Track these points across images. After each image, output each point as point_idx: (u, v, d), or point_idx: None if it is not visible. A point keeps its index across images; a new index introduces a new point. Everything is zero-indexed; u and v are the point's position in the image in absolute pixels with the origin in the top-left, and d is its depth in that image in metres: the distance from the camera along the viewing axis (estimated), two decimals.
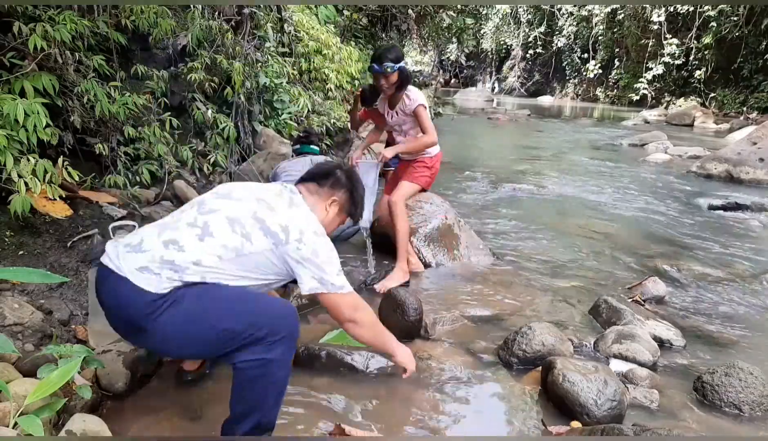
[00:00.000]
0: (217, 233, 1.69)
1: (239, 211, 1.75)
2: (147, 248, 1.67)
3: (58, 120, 3.11)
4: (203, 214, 1.75)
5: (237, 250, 1.69)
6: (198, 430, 1.94)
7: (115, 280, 1.65)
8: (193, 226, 1.71)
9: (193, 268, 1.65)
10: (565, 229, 4.91)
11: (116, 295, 1.66)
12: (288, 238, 1.73)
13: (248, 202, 1.78)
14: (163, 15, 3.90)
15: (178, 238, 1.68)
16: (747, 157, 7.56)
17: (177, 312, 1.62)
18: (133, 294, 1.61)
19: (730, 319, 3.20)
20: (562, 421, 2.10)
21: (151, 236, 1.72)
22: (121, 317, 1.70)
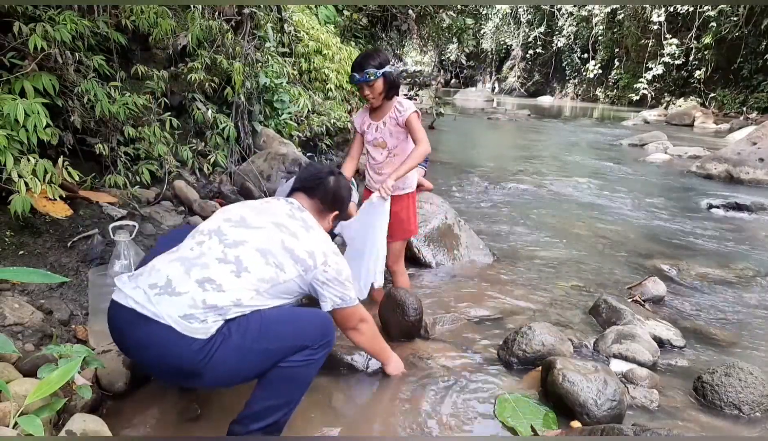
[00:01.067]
0: (252, 268, 1.71)
1: (267, 242, 1.77)
2: (183, 291, 1.63)
3: (58, 120, 3.10)
4: (231, 248, 1.74)
5: (273, 281, 1.74)
6: (198, 430, 1.94)
7: (156, 328, 1.59)
8: (225, 261, 1.70)
9: (234, 309, 1.66)
10: (564, 229, 4.91)
11: (160, 343, 1.60)
12: (315, 263, 1.81)
13: (271, 231, 1.81)
14: (163, 15, 3.90)
15: (213, 277, 1.66)
16: (747, 157, 7.57)
17: (228, 349, 1.61)
18: (182, 342, 1.58)
19: (730, 319, 3.20)
20: (562, 421, 2.10)
21: (179, 274, 1.67)
22: (166, 364, 1.63)
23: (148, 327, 1.59)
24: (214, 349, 1.60)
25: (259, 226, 1.82)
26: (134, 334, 1.64)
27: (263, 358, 1.67)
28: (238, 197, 4.51)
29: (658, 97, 22.05)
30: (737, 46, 18.59)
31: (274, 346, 1.67)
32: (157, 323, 1.58)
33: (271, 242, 1.77)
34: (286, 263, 1.76)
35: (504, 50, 32.05)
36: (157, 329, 1.58)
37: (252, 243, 1.75)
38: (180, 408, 2.02)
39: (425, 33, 13.85)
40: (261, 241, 1.77)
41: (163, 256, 1.78)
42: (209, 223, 1.87)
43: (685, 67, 21.14)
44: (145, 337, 1.61)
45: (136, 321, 1.61)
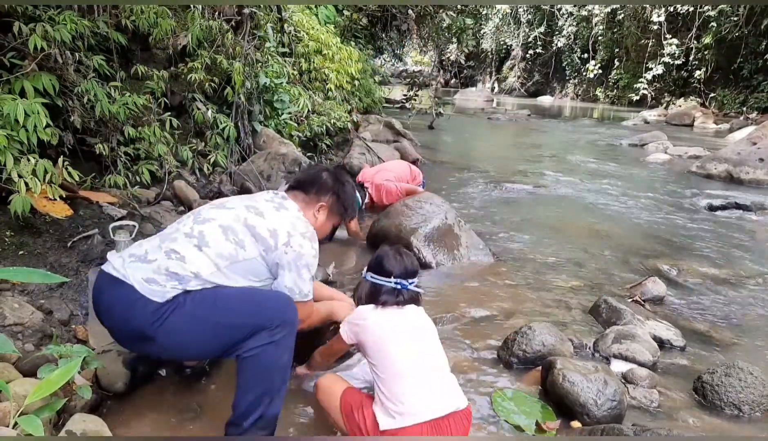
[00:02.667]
0: (212, 242, 1.76)
1: (232, 220, 1.81)
2: (152, 258, 1.73)
3: (58, 120, 3.10)
4: (199, 224, 1.81)
5: (232, 258, 1.76)
6: (198, 430, 1.94)
7: (121, 289, 1.69)
8: (190, 236, 1.78)
9: (194, 281, 1.71)
10: (565, 229, 4.91)
11: (122, 303, 1.69)
12: (276, 244, 1.80)
13: (239, 210, 1.85)
14: (163, 15, 3.90)
15: (178, 249, 1.75)
16: (747, 157, 7.56)
17: (180, 316, 1.67)
18: (140, 303, 1.66)
19: (730, 319, 3.20)
20: (562, 420, 2.10)
21: (154, 246, 1.78)
22: (125, 325, 1.71)
23: (116, 288, 1.70)
24: (167, 314, 1.66)
25: (231, 207, 1.88)
26: (105, 296, 1.74)
27: (214, 331, 1.69)
28: None
29: (658, 97, 22.05)
30: (737, 46, 18.59)
31: (225, 321, 1.68)
32: (123, 284, 1.69)
33: (235, 221, 1.81)
34: (247, 240, 1.78)
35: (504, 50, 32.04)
36: (122, 289, 1.69)
37: (218, 220, 1.81)
38: (180, 408, 2.02)
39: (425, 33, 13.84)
40: (226, 219, 1.81)
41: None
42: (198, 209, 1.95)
43: (685, 67, 21.14)
44: (113, 298, 1.71)
45: (109, 283, 1.73)
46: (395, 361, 1.76)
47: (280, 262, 1.81)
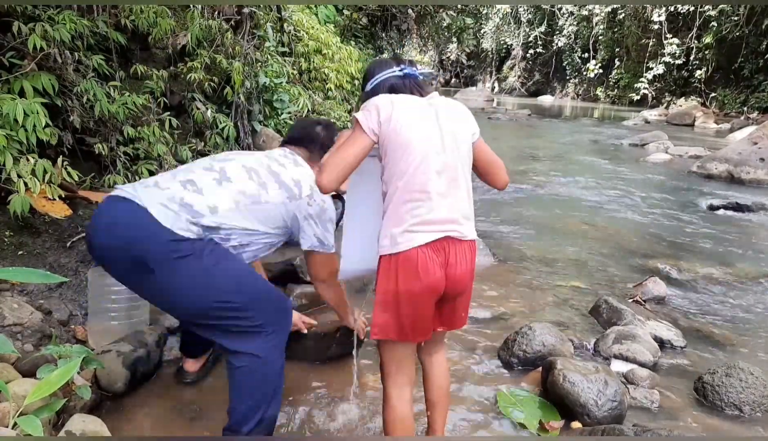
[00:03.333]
0: (234, 179, 1.70)
1: (254, 162, 1.78)
2: (165, 187, 1.65)
3: (58, 120, 3.10)
4: (218, 162, 1.76)
5: (254, 198, 1.70)
6: (198, 430, 1.93)
7: (133, 210, 1.59)
8: (210, 170, 1.72)
9: (210, 217, 1.62)
10: (565, 229, 4.91)
11: (130, 222, 1.59)
12: (300, 193, 1.78)
13: (260, 157, 1.84)
14: (163, 15, 3.90)
15: (195, 180, 1.68)
16: (748, 157, 7.56)
17: (193, 265, 1.57)
18: (153, 227, 1.56)
19: (730, 319, 3.20)
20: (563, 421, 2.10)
21: (166, 178, 1.71)
22: (127, 245, 1.58)
23: (125, 205, 1.62)
24: (180, 255, 1.56)
25: (253, 155, 1.88)
26: (109, 213, 1.65)
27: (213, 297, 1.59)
28: None
29: (658, 97, 22.04)
30: (738, 46, 18.57)
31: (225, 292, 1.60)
32: (134, 203, 1.60)
33: (258, 164, 1.78)
34: (270, 184, 1.74)
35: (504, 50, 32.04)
36: (131, 208, 1.60)
37: (240, 161, 1.78)
38: (180, 408, 2.02)
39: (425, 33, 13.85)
40: (249, 161, 1.79)
41: None
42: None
43: (686, 66, 21.13)
44: (119, 213, 1.62)
45: (115, 203, 1.65)
46: (416, 177, 1.49)
47: (303, 214, 1.77)
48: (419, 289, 1.50)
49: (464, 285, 1.59)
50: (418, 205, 1.50)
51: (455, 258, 1.53)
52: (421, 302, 1.52)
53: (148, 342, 2.21)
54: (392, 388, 1.62)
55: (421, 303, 1.52)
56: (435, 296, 1.54)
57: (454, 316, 1.65)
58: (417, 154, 1.51)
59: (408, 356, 1.63)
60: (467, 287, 1.62)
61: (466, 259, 1.56)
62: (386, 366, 1.63)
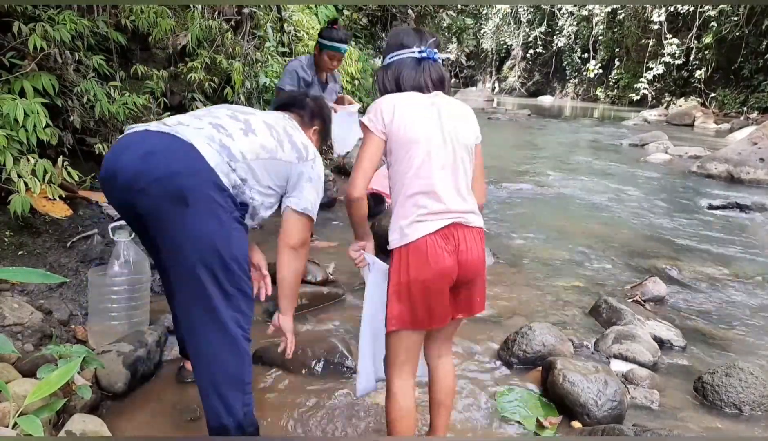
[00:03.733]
0: (258, 132, 1.70)
1: (272, 120, 1.80)
2: (198, 127, 1.60)
3: (58, 120, 3.10)
4: (241, 113, 1.76)
5: (272, 153, 1.70)
6: (198, 430, 1.93)
7: (176, 142, 1.52)
8: (235, 119, 1.70)
9: (242, 162, 1.60)
10: (565, 229, 4.91)
11: (175, 156, 1.50)
12: (307, 156, 1.80)
13: (277, 116, 1.86)
14: (163, 15, 3.90)
15: (225, 126, 1.65)
16: (747, 157, 7.56)
17: (226, 221, 1.53)
18: (200, 163, 1.50)
19: (730, 319, 3.20)
20: (562, 420, 2.10)
21: (191, 118, 1.67)
22: (171, 181, 1.48)
23: (163, 136, 1.54)
24: (217, 201, 1.51)
25: (265, 112, 1.90)
26: (144, 142, 1.54)
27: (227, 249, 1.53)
28: None
29: (658, 97, 22.03)
30: (738, 46, 18.58)
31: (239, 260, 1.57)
32: (174, 136, 1.53)
33: (275, 122, 1.79)
34: (285, 144, 1.75)
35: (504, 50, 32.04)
36: (173, 140, 1.53)
37: (259, 116, 1.79)
38: (180, 408, 2.02)
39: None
40: (268, 118, 1.80)
41: None
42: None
43: (686, 66, 21.13)
44: (158, 143, 1.52)
45: (148, 134, 1.56)
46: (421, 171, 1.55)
47: (306, 175, 1.77)
48: (431, 276, 1.52)
49: (476, 269, 1.61)
50: (424, 197, 1.55)
51: (465, 244, 1.56)
52: (434, 290, 1.55)
53: (148, 342, 2.21)
54: (397, 379, 1.63)
55: (435, 290, 1.55)
56: (448, 283, 1.56)
57: (471, 302, 1.67)
58: (421, 150, 1.56)
59: (416, 346, 1.65)
60: (480, 272, 1.63)
61: (477, 245, 1.59)
62: (394, 356, 1.63)
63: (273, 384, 2.23)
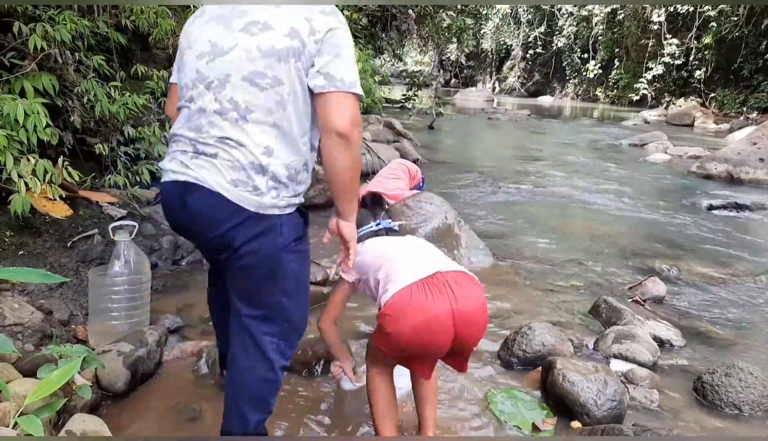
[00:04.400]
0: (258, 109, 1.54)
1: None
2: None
3: (58, 120, 3.10)
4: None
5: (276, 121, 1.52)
6: (198, 430, 1.94)
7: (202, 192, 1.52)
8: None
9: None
10: (565, 229, 4.91)
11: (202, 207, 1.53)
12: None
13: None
14: (163, 15, 3.90)
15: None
16: (747, 158, 7.56)
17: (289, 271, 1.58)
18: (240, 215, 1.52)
19: (730, 319, 3.20)
20: (562, 421, 2.10)
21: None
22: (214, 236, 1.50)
23: (187, 189, 1.49)
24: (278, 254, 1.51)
25: (233, 43, 1.49)
26: (177, 199, 1.52)
27: (301, 304, 1.72)
28: None
29: (658, 97, 22.03)
30: (737, 46, 18.58)
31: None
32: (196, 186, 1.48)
33: (258, 49, 1.46)
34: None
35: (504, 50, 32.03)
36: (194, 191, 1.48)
37: (235, 72, 1.47)
38: (180, 408, 2.02)
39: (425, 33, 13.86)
40: (242, 60, 1.46)
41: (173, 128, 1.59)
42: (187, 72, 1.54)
43: (685, 67, 21.13)
44: (191, 197, 1.49)
45: (176, 188, 1.52)
46: (393, 262, 1.74)
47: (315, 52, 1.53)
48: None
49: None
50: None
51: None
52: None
53: (149, 342, 2.21)
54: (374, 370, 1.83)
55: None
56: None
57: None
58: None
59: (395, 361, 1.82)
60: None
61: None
62: (373, 355, 1.83)
63: None
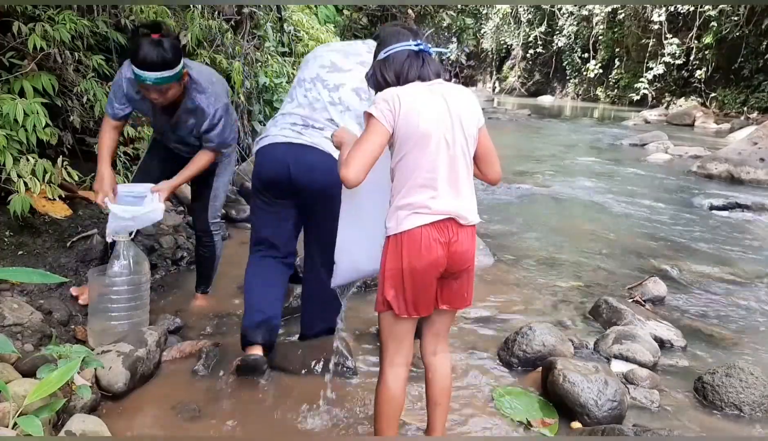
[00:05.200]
0: (352, 106, 2.20)
1: (358, 81, 2.14)
2: (320, 127, 2.18)
3: (58, 120, 3.10)
4: (334, 92, 2.20)
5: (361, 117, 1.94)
6: (198, 430, 1.93)
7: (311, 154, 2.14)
8: (334, 104, 2.20)
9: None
10: (565, 229, 4.91)
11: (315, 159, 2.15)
12: None
13: (357, 72, 2.17)
14: (163, 15, 3.90)
15: (334, 117, 2.19)
16: (747, 157, 7.56)
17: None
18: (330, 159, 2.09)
19: (730, 319, 3.20)
20: (562, 421, 2.10)
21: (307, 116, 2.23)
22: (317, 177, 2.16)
23: (303, 149, 2.13)
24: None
25: (349, 68, 2.20)
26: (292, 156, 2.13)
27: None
28: (237, 197, 4.51)
29: (658, 97, 22.01)
30: (738, 46, 18.55)
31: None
32: (313, 149, 2.12)
33: (361, 81, 2.04)
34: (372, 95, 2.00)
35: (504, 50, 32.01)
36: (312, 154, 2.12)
37: (348, 84, 2.17)
38: (180, 408, 2.02)
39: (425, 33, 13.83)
40: (353, 80, 2.16)
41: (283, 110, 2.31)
42: (309, 72, 2.26)
43: (686, 66, 21.10)
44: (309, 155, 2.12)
45: (291, 148, 2.14)
46: (422, 163, 1.60)
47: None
48: (422, 266, 1.61)
49: (465, 264, 1.68)
50: (424, 190, 1.61)
51: (457, 238, 1.64)
52: (424, 278, 1.63)
53: (148, 342, 2.20)
54: (389, 367, 1.71)
55: (424, 279, 1.63)
56: (437, 273, 1.64)
57: (457, 294, 1.73)
58: (425, 143, 1.60)
59: (407, 336, 1.71)
60: (468, 266, 1.70)
61: (468, 240, 1.67)
62: (386, 344, 1.72)
63: (273, 384, 2.23)
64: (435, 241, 1.60)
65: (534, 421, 2.08)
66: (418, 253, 1.59)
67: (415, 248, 1.59)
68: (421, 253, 1.59)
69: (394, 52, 1.68)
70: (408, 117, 1.58)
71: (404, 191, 1.62)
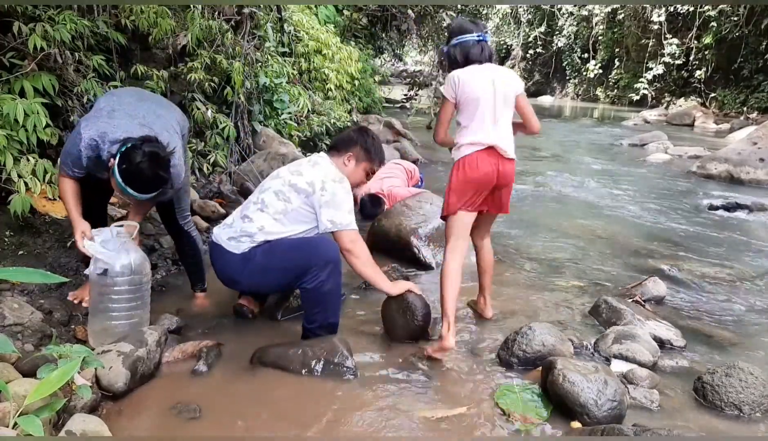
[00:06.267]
0: (269, 205, 2.41)
1: (280, 185, 2.43)
2: (232, 224, 2.48)
3: (58, 120, 3.11)
4: (261, 193, 2.47)
5: (284, 211, 2.39)
6: (198, 430, 1.93)
7: (219, 249, 2.44)
8: (256, 203, 2.45)
9: (260, 234, 2.38)
10: (565, 229, 4.91)
11: (219, 259, 2.46)
12: (314, 189, 2.37)
13: (285, 175, 2.46)
14: (163, 15, 3.90)
15: (248, 214, 2.43)
16: (747, 157, 7.56)
17: (255, 265, 2.37)
18: (227, 256, 2.41)
19: (730, 319, 3.20)
20: (562, 421, 2.10)
21: (236, 216, 2.50)
22: (224, 274, 2.48)
23: (215, 250, 2.48)
24: (246, 264, 2.37)
25: (281, 176, 2.48)
26: (212, 257, 2.52)
27: (281, 274, 2.39)
28: (237, 197, 4.51)
29: (658, 97, 22.01)
30: (738, 46, 18.56)
31: (286, 265, 2.36)
32: (218, 245, 2.45)
33: (282, 185, 2.41)
34: (292, 196, 2.38)
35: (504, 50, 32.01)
36: (218, 249, 2.46)
37: (272, 188, 2.44)
38: (180, 408, 2.02)
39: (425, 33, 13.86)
40: (277, 185, 2.43)
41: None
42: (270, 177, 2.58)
43: (686, 67, 21.10)
44: (215, 257, 2.49)
45: (213, 248, 2.50)
46: (475, 116, 2.47)
47: (320, 203, 2.35)
48: (478, 176, 2.50)
49: (507, 180, 2.58)
50: (478, 131, 2.49)
51: (502, 162, 2.51)
52: (478, 186, 2.52)
53: (148, 342, 2.20)
54: (450, 253, 2.60)
55: (478, 187, 2.52)
56: (489, 184, 2.53)
57: (498, 203, 2.66)
58: (475, 104, 2.48)
59: (466, 227, 2.62)
60: (509, 181, 2.61)
61: (510, 166, 2.56)
62: (450, 234, 2.62)
63: (273, 384, 2.23)
64: (485, 161, 2.47)
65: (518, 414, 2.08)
66: (475, 169, 2.47)
67: (472, 166, 2.48)
68: (476, 169, 2.47)
69: (462, 41, 2.55)
70: (464, 88, 2.47)
71: (464, 132, 2.51)
